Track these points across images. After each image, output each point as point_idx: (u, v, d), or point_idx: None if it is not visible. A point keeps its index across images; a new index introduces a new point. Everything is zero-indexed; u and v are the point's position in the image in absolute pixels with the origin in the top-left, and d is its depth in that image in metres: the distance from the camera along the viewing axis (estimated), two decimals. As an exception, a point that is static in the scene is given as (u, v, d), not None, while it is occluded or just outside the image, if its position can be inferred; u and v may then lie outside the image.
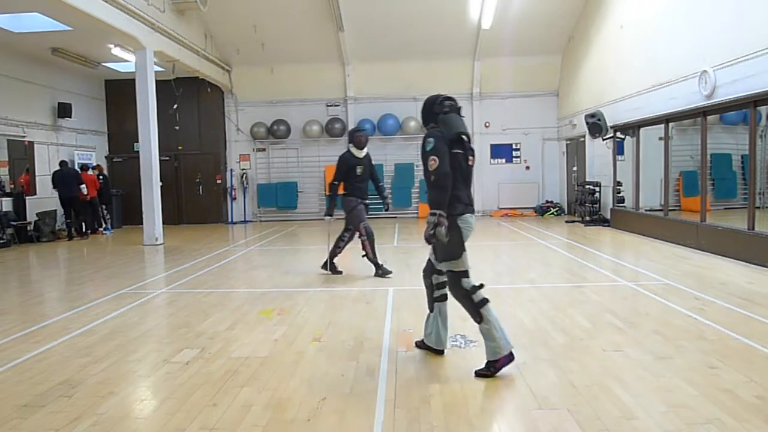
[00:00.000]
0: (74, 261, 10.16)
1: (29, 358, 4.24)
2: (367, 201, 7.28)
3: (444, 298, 4.05)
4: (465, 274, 3.78)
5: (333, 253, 7.44)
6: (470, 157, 3.89)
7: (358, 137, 7.15)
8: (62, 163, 13.29)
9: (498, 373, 3.63)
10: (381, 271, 7.20)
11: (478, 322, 3.73)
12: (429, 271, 4.07)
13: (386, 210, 7.88)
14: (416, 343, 4.26)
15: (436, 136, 3.73)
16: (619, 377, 3.56)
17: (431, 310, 4.07)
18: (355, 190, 7.14)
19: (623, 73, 11.89)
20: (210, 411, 3.21)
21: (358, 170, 7.09)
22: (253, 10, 14.11)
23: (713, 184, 11.65)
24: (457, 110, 3.94)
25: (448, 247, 3.72)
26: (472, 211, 3.86)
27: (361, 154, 7.13)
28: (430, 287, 4.05)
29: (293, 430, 2.99)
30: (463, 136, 3.79)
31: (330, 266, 7.45)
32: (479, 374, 3.67)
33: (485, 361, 3.69)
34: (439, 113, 3.89)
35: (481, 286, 3.82)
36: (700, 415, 2.99)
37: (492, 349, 3.66)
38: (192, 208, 16.82)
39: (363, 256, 7.27)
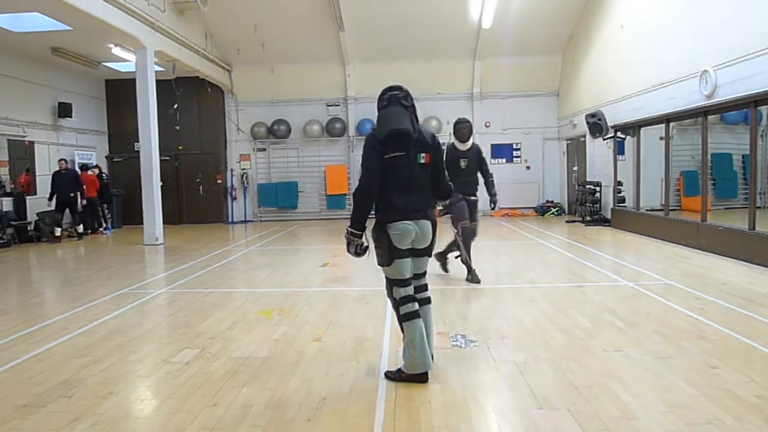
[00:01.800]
0: (74, 261, 10.16)
1: (29, 358, 4.24)
2: (474, 197, 6.79)
3: (423, 302, 3.76)
4: (398, 282, 3.57)
5: (465, 259, 6.79)
6: (423, 154, 3.55)
7: (458, 129, 6.66)
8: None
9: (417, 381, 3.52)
10: (444, 268, 7.13)
11: (402, 332, 3.64)
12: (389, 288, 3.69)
13: (493, 209, 7.44)
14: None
15: (367, 141, 3.49)
16: (619, 377, 3.55)
17: (402, 331, 3.64)
18: (458, 185, 6.64)
19: (623, 73, 11.88)
20: (210, 411, 3.21)
21: (462, 164, 6.63)
22: (253, 10, 14.10)
23: (714, 183, 11.63)
24: (399, 100, 3.52)
25: (378, 254, 3.58)
26: (414, 218, 3.53)
27: (465, 146, 6.68)
28: (395, 304, 3.66)
29: (293, 430, 2.98)
30: (403, 133, 3.42)
31: (470, 273, 6.78)
32: (386, 374, 3.64)
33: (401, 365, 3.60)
34: (380, 110, 3.58)
35: (426, 290, 3.74)
36: (701, 415, 2.98)
37: (405, 363, 3.55)
38: (192, 208, 16.82)
39: (453, 247, 6.98)
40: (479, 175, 6.90)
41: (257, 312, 5.56)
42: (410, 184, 3.53)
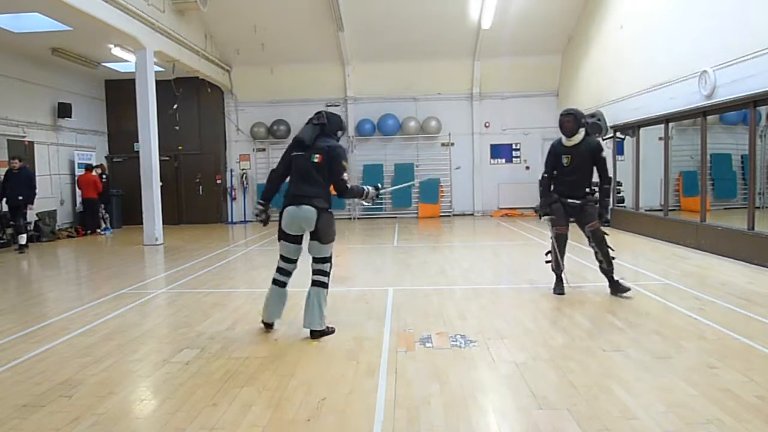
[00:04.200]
0: (74, 261, 10.16)
1: (29, 358, 4.24)
2: (576, 201, 5.96)
3: (312, 283, 4.69)
4: (281, 257, 4.80)
5: (554, 267, 6.11)
6: (316, 155, 4.60)
7: (561, 123, 6.00)
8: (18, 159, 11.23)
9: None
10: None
11: None
12: None
13: (605, 223, 6.39)
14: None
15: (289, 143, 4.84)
16: (619, 377, 3.56)
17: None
18: (557, 185, 6.05)
19: (623, 73, 11.89)
20: (210, 411, 3.21)
21: (564, 160, 5.95)
22: (253, 10, 14.10)
23: (713, 184, 11.64)
24: (311, 120, 4.80)
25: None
26: (298, 203, 4.55)
27: (571, 141, 5.94)
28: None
29: (293, 430, 2.99)
30: (298, 139, 4.72)
31: (557, 284, 6.11)
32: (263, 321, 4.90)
33: None
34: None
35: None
36: (700, 415, 2.99)
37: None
38: (192, 208, 16.81)
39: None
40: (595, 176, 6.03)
41: (257, 312, 5.55)
42: (303, 176, 4.61)
